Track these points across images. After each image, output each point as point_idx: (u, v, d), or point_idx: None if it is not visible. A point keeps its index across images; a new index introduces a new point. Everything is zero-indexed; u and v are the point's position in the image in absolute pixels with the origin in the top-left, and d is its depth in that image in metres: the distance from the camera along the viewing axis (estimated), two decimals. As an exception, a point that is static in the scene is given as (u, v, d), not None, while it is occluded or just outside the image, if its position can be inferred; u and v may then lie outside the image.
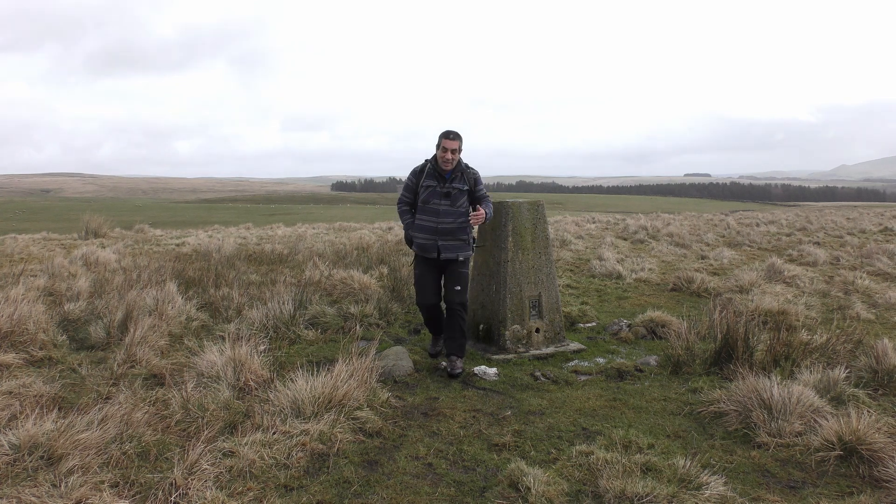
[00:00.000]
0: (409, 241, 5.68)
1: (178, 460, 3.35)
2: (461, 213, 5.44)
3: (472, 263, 6.13)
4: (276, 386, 4.43)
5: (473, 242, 5.62)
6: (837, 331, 5.96)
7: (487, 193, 5.58)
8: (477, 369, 5.40)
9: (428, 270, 5.57)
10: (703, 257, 14.47)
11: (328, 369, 4.48)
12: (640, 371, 5.55)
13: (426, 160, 5.53)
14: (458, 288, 5.47)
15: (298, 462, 3.58)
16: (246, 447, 3.61)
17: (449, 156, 5.30)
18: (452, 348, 5.44)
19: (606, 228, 25.13)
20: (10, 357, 5.22)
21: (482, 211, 5.33)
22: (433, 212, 5.41)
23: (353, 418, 4.14)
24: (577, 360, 5.88)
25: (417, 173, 5.54)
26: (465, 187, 5.43)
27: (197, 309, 7.28)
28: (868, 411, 4.08)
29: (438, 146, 5.38)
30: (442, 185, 5.39)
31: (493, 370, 5.39)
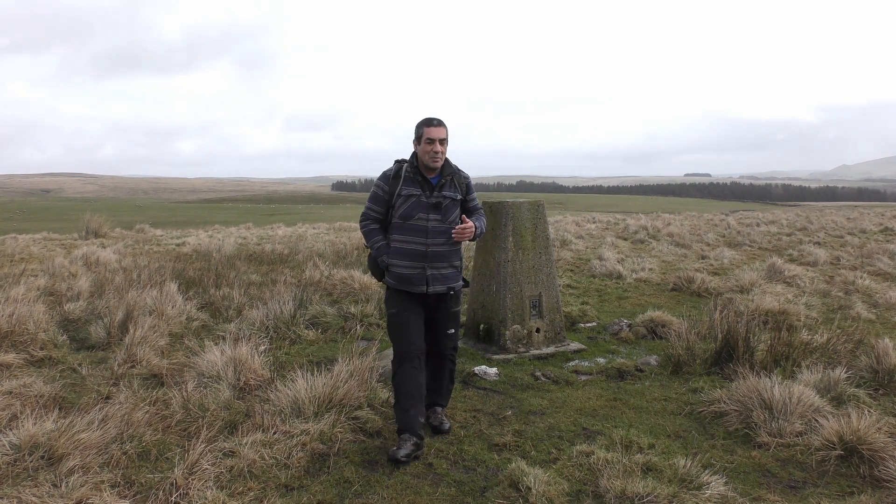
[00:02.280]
0: (380, 270, 4.17)
1: (179, 460, 3.36)
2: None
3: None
4: (276, 386, 4.44)
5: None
6: (838, 331, 5.96)
7: (480, 205, 4.37)
8: (477, 369, 5.40)
9: (411, 308, 4.06)
10: (703, 257, 14.46)
11: (328, 369, 4.49)
12: (641, 371, 5.55)
13: (399, 161, 4.14)
14: (452, 331, 4.25)
15: (299, 462, 3.58)
16: (246, 447, 3.61)
17: (438, 148, 3.94)
18: (438, 398, 4.29)
19: (607, 228, 25.13)
20: (10, 357, 5.23)
21: (471, 223, 4.01)
22: (419, 230, 3.99)
23: (353, 418, 4.14)
24: (577, 360, 5.88)
25: (390, 179, 4.07)
26: (458, 196, 4.10)
27: (197, 309, 7.29)
28: (869, 411, 4.08)
29: (419, 138, 4.01)
30: (429, 193, 4.01)
31: (493, 370, 5.39)
